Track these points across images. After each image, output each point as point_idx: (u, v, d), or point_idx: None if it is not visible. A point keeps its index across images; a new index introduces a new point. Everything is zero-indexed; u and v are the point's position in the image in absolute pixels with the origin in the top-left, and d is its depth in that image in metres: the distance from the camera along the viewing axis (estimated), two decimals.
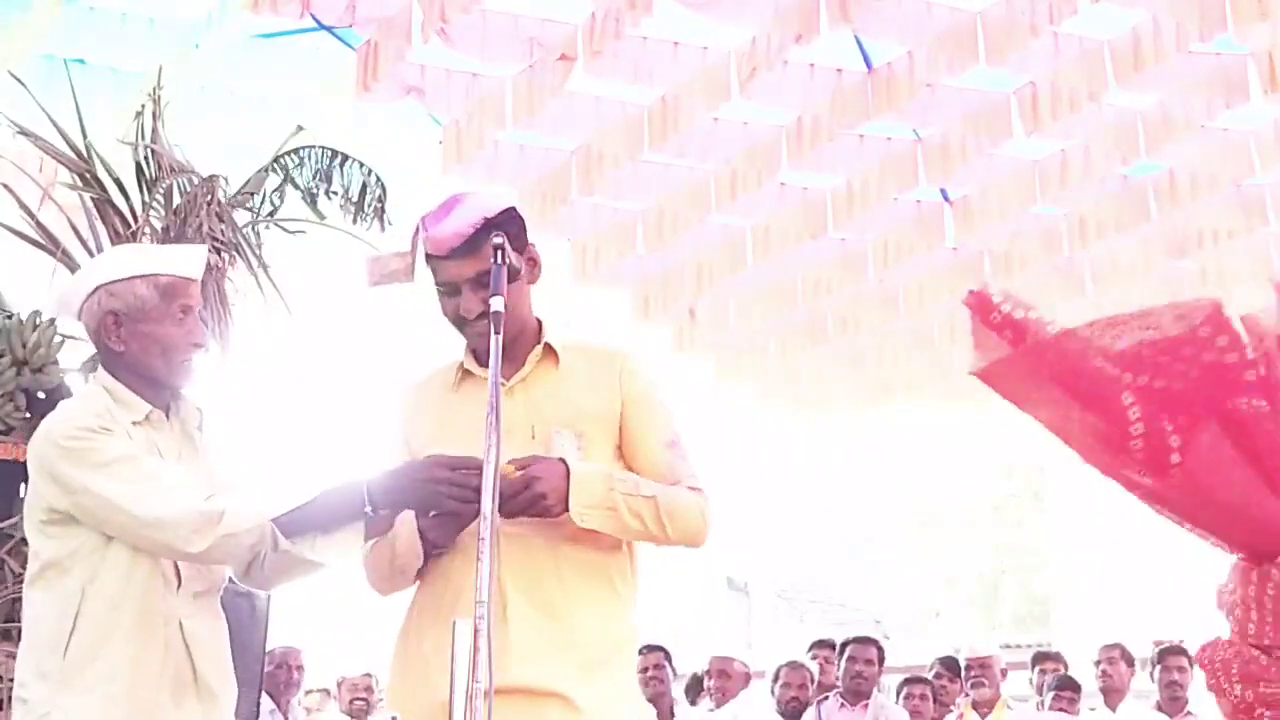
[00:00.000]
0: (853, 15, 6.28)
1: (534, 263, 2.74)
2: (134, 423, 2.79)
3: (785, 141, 7.61)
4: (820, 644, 8.13)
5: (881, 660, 7.45)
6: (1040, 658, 8.40)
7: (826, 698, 7.32)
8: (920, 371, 10.92)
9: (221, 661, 2.87)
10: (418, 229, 2.67)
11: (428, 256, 2.67)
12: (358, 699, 8.12)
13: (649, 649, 7.37)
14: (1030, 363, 2.39)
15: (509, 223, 2.66)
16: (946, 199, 8.63)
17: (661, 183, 8.20)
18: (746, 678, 7.55)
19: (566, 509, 2.58)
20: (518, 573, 2.61)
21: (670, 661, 7.51)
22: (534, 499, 2.55)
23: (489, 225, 2.61)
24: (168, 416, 2.87)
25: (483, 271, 2.58)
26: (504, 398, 2.62)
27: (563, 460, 2.61)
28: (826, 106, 7.30)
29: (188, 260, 2.88)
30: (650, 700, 7.25)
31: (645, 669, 7.30)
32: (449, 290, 2.69)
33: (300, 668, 7.57)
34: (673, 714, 7.46)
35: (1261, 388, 2.33)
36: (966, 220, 8.60)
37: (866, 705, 7.14)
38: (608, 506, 2.61)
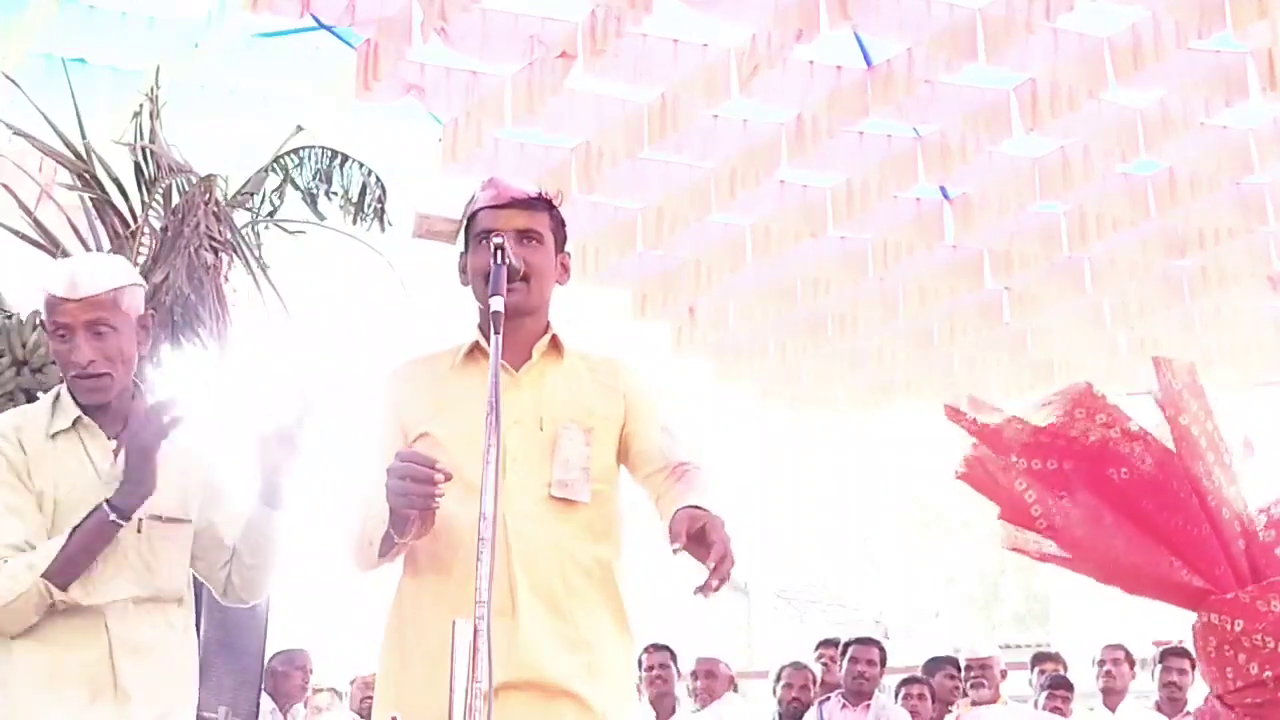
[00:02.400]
0: (852, 13, 6.28)
1: (565, 269, 2.85)
2: (59, 431, 2.75)
3: (785, 139, 7.60)
4: (826, 643, 8.11)
5: (884, 661, 7.44)
6: (1040, 658, 8.39)
7: (828, 698, 7.30)
8: (920, 371, 10.91)
9: (157, 670, 2.77)
10: (474, 197, 2.79)
11: (478, 212, 2.77)
12: (368, 698, 8.10)
13: (655, 648, 7.36)
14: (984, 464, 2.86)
15: (559, 217, 2.82)
16: (946, 197, 8.62)
17: (661, 181, 8.19)
18: (730, 680, 7.55)
19: None
20: (524, 569, 2.61)
21: (675, 661, 7.50)
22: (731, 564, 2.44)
23: (546, 201, 2.79)
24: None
25: (527, 230, 2.71)
26: (511, 387, 2.66)
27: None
28: (826, 104, 7.29)
29: (64, 275, 2.73)
30: (653, 700, 7.24)
31: (651, 667, 7.29)
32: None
33: (309, 670, 7.55)
34: (674, 713, 7.45)
35: (1140, 459, 2.72)
36: (966, 218, 8.59)
37: (868, 705, 7.13)
38: None
